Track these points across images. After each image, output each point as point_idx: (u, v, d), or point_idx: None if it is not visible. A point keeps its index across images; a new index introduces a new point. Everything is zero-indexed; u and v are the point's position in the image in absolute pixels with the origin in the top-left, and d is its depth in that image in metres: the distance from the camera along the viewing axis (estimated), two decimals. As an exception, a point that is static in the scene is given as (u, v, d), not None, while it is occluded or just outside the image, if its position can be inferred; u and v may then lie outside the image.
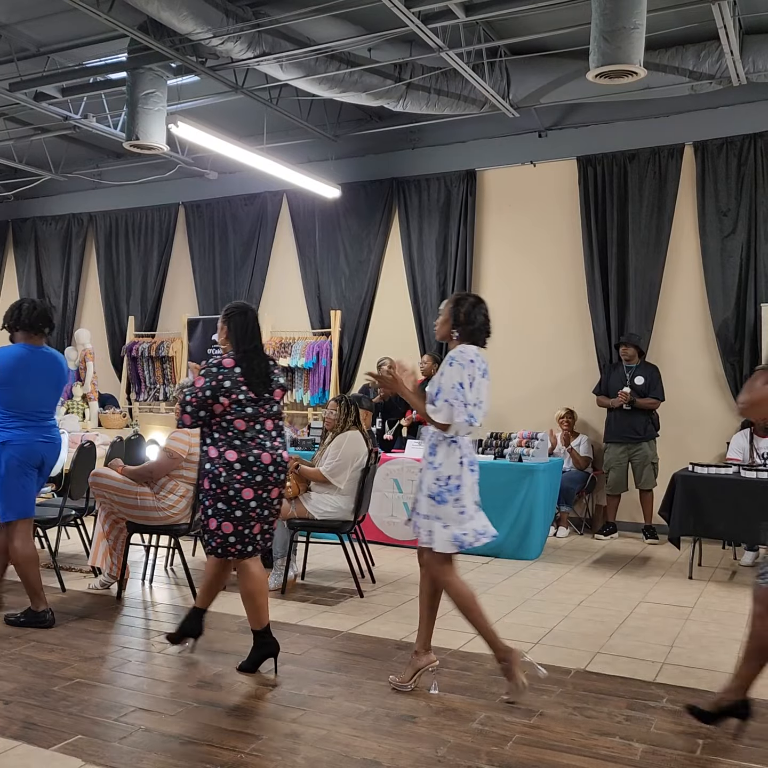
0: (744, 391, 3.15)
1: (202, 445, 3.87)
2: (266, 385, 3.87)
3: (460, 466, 3.56)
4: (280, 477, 3.88)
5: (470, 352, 3.64)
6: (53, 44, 7.17)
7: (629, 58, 5.02)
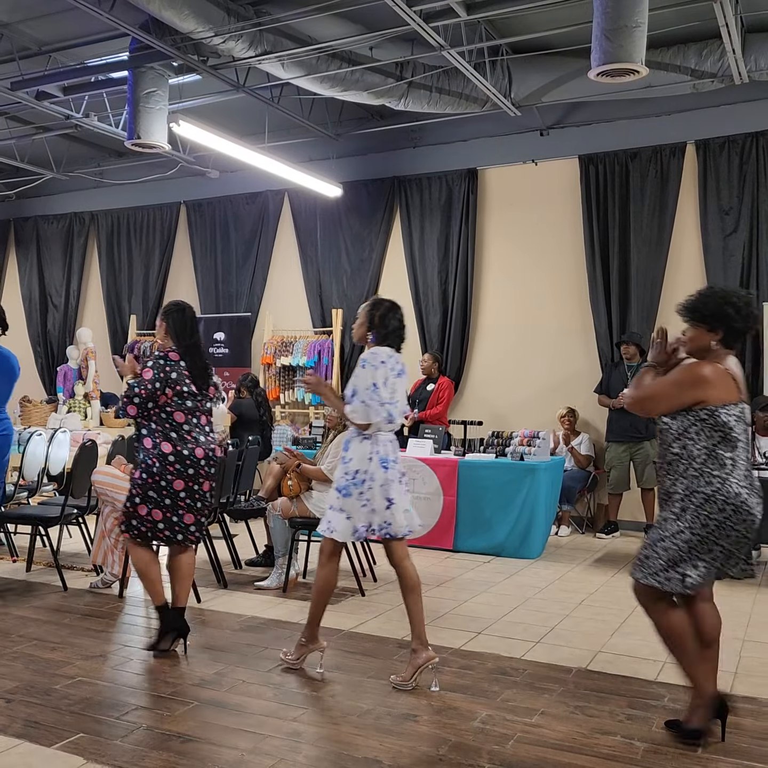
0: (631, 386, 3.30)
1: (139, 435, 4.04)
2: (205, 380, 4.08)
3: (369, 462, 3.71)
4: (211, 471, 4.08)
5: (382, 354, 3.75)
6: (55, 43, 7.17)
7: (631, 57, 5.01)
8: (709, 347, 3.09)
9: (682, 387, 3.06)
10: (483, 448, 7.04)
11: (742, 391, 3.07)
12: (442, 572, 6.02)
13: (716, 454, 2.99)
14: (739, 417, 3.02)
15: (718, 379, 3.01)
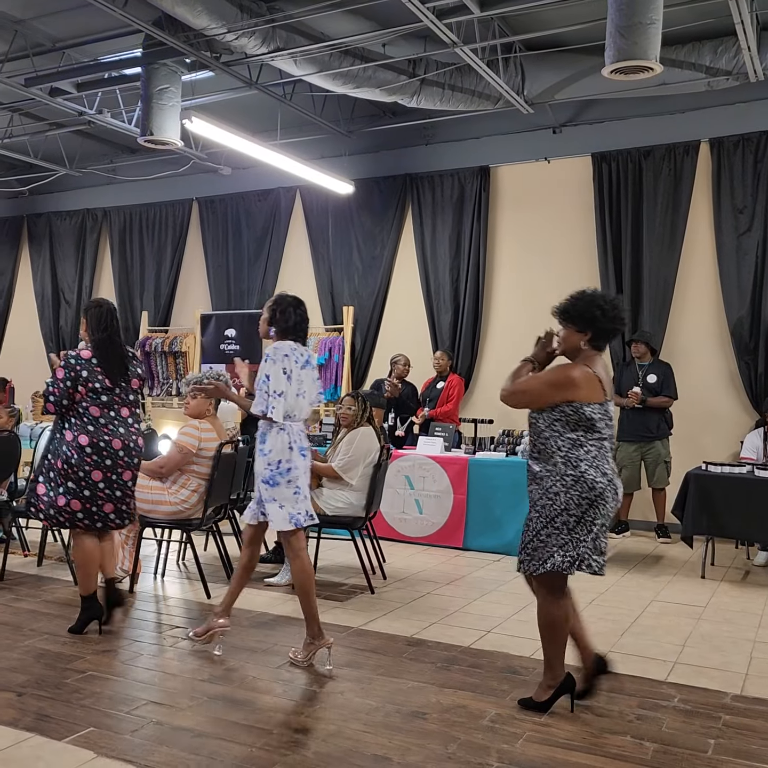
0: (508, 379, 3.57)
1: (60, 429, 4.22)
2: (122, 374, 4.25)
3: (290, 451, 3.88)
4: (132, 461, 4.28)
5: (285, 348, 3.91)
6: (68, 39, 7.20)
7: (645, 54, 4.99)
8: (579, 347, 3.34)
9: (554, 388, 3.31)
10: (493, 447, 7.03)
11: (607, 392, 3.31)
12: (452, 570, 6.01)
13: (581, 442, 3.25)
14: (603, 414, 3.28)
15: (585, 382, 3.26)
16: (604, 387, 3.30)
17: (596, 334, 3.32)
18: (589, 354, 3.35)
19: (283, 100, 7.75)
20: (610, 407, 3.35)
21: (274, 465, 3.87)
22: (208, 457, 5.11)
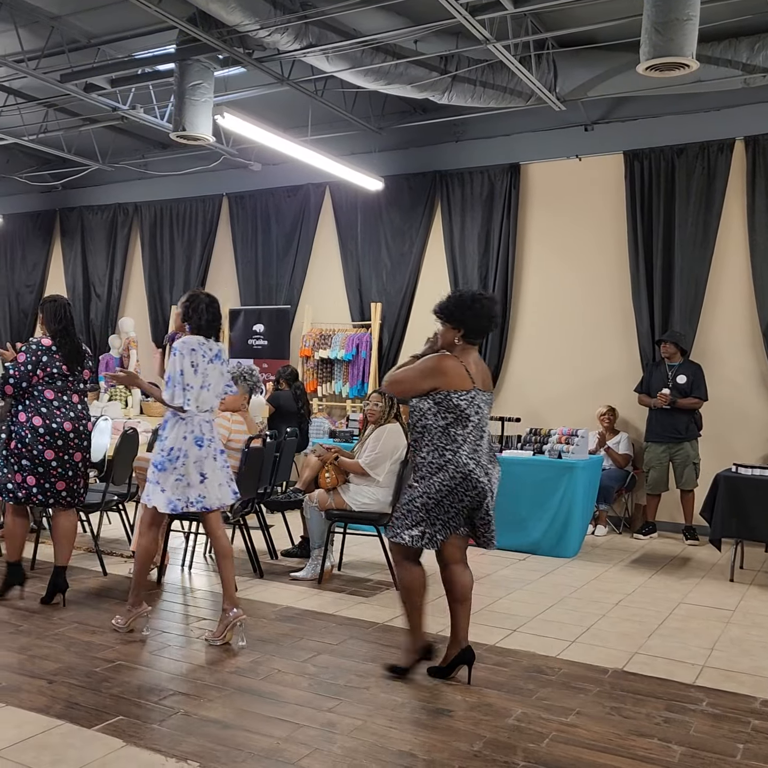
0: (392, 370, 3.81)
1: (15, 411, 4.52)
2: (78, 363, 4.61)
3: (184, 440, 4.11)
4: (82, 443, 4.62)
5: (192, 342, 4.14)
6: (104, 36, 7.26)
7: (682, 51, 4.92)
8: (454, 342, 3.62)
9: (423, 376, 3.59)
10: (520, 445, 7.00)
11: (475, 381, 3.59)
12: (477, 568, 5.98)
13: (449, 431, 3.52)
14: (471, 402, 3.55)
15: (451, 371, 3.55)
16: (473, 377, 3.58)
17: (468, 331, 3.62)
18: (463, 348, 3.64)
19: (314, 96, 7.76)
20: (481, 397, 3.62)
21: (166, 452, 4.11)
22: (237, 449, 5.14)
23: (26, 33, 7.02)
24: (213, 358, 4.21)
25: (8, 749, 2.87)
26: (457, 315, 3.61)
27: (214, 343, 4.26)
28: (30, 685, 3.45)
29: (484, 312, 3.61)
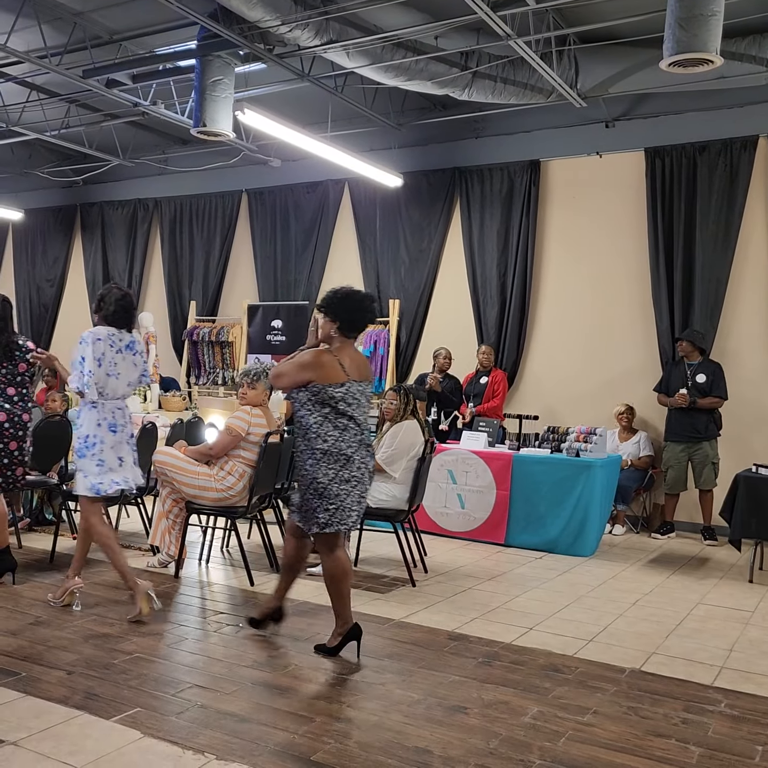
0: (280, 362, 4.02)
1: None
2: (9, 358, 4.82)
3: (98, 427, 4.35)
4: (17, 433, 4.82)
5: (99, 333, 4.40)
6: (125, 32, 7.30)
7: (706, 46, 4.87)
8: (331, 335, 3.86)
9: (300, 369, 3.80)
10: (538, 443, 6.97)
11: (349, 374, 3.80)
12: (494, 566, 5.99)
13: (330, 419, 3.76)
14: (346, 393, 3.77)
15: (326, 364, 3.77)
16: (346, 370, 3.80)
17: (343, 324, 3.86)
18: (341, 341, 3.87)
19: (334, 92, 7.75)
20: (356, 387, 3.83)
21: (83, 439, 4.36)
22: (256, 443, 5.16)
23: (49, 29, 7.07)
24: (123, 348, 4.47)
25: (27, 739, 2.90)
26: (332, 308, 3.88)
27: (127, 334, 4.51)
28: (49, 675, 3.49)
29: (356, 306, 3.88)
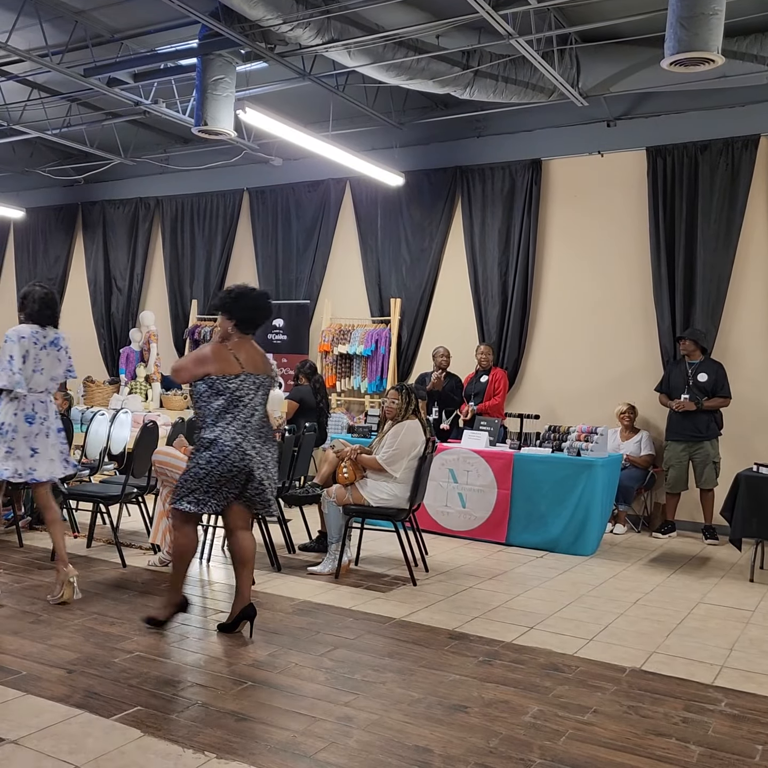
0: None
1: None
2: None
3: (14, 417, 4.51)
4: None
5: (23, 331, 4.54)
6: (127, 30, 7.31)
7: (707, 45, 4.87)
8: (229, 332, 4.07)
9: (196, 363, 4.02)
10: (539, 442, 6.97)
11: (244, 366, 4.03)
12: (494, 565, 5.99)
13: (220, 410, 3.96)
14: (239, 385, 3.99)
15: (219, 357, 4.00)
16: (242, 363, 4.02)
17: (240, 322, 4.08)
18: (239, 337, 4.09)
19: (336, 91, 7.75)
20: (252, 380, 4.04)
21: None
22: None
23: (50, 28, 7.08)
24: (47, 344, 4.61)
25: (27, 737, 2.90)
26: (227, 307, 4.09)
27: (52, 330, 4.65)
28: (50, 674, 3.49)
29: (250, 304, 4.10)
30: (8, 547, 5.76)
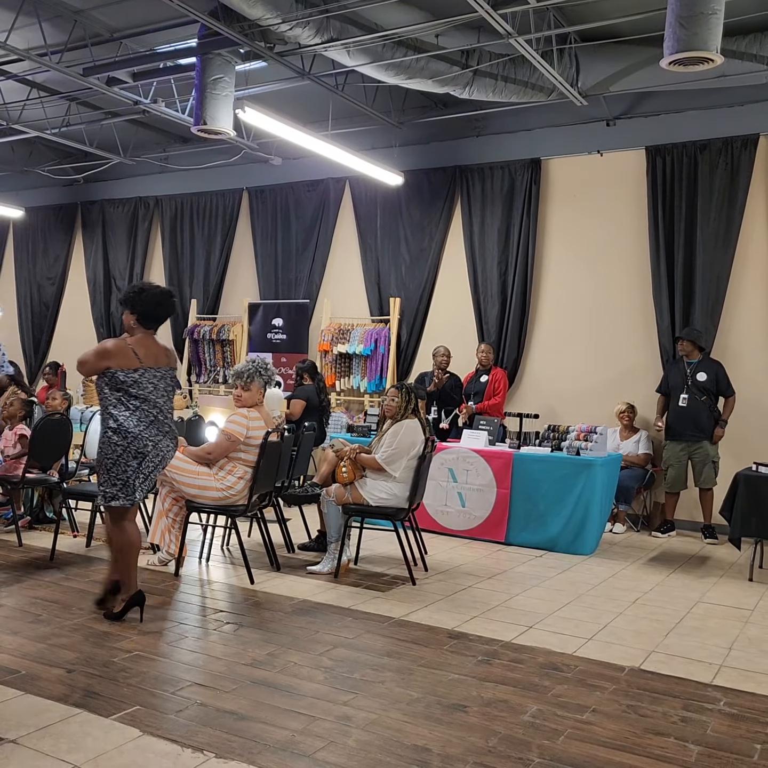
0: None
1: None
2: None
3: None
4: None
5: None
6: (126, 30, 7.29)
7: (706, 45, 4.87)
8: (132, 326, 4.25)
9: (97, 357, 4.16)
10: (538, 442, 6.97)
11: (143, 361, 4.18)
12: (494, 565, 5.99)
13: (122, 401, 4.14)
14: (138, 378, 4.15)
15: (118, 352, 4.16)
16: (140, 357, 4.17)
17: (142, 317, 4.23)
18: (142, 332, 4.26)
19: (335, 90, 7.75)
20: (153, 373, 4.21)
21: None
22: (255, 445, 5.16)
23: (49, 27, 7.07)
24: None
25: (26, 737, 2.90)
26: (130, 302, 4.25)
27: None
28: (49, 673, 3.49)
29: (151, 300, 4.24)
30: (7, 547, 5.76)
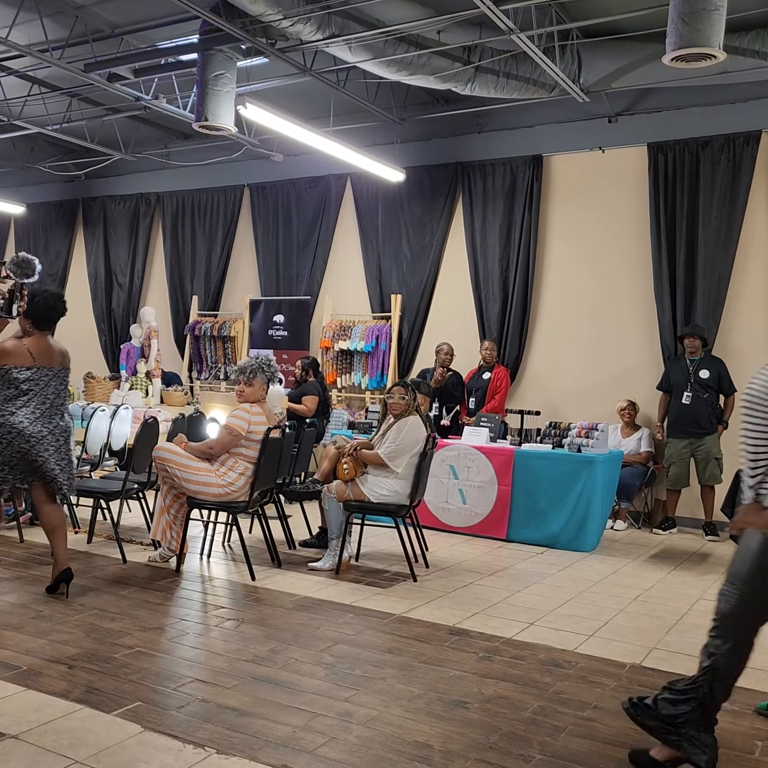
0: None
1: None
2: None
3: None
4: None
5: None
6: (127, 26, 7.28)
7: (708, 41, 4.86)
8: (27, 329, 4.58)
9: None
10: (540, 439, 6.97)
11: (37, 359, 4.53)
12: (495, 561, 6.00)
13: (11, 397, 4.47)
14: (30, 375, 4.50)
15: (13, 351, 4.51)
16: (34, 356, 4.52)
17: (35, 320, 4.58)
18: (38, 334, 4.59)
19: (337, 86, 7.74)
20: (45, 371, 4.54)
21: None
22: (257, 441, 5.16)
23: (51, 23, 7.06)
24: None
25: (28, 732, 2.91)
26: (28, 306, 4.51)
27: None
28: (50, 669, 3.50)
29: (41, 305, 4.56)
30: (9, 543, 5.77)
